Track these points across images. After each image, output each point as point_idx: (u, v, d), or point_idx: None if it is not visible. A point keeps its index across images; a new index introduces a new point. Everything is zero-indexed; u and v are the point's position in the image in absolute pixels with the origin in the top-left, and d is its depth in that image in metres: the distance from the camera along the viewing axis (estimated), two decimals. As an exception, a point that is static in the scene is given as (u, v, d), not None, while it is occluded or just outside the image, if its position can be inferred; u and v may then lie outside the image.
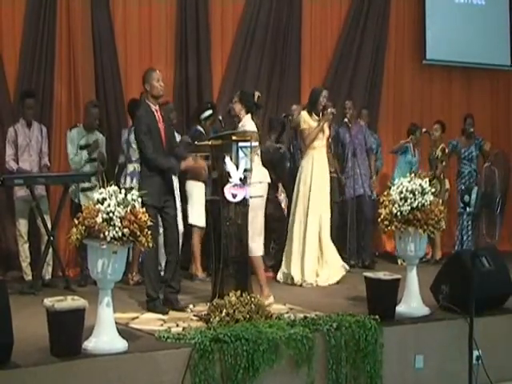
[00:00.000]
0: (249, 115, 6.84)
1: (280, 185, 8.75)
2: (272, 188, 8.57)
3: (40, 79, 8.38)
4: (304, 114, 8.10)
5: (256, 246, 6.70)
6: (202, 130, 8.20)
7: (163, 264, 7.08)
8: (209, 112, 8.29)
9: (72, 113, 8.46)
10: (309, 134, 7.99)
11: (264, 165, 7.04)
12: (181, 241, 7.79)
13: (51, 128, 8.33)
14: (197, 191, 8.06)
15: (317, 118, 8.05)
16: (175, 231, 6.47)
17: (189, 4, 9.23)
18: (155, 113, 6.37)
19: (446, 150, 9.72)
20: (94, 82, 8.66)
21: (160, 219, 6.38)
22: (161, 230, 6.76)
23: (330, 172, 8.47)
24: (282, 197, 8.71)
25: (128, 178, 7.93)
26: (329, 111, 8.01)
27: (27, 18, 8.35)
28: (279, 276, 8.05)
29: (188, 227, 8.16)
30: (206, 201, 7.77)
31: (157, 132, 6.32)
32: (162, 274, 7.03)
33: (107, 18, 8.76)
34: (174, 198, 6.54)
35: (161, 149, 6.34)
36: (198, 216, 8.03)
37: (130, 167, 7.97)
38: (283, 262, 8.07)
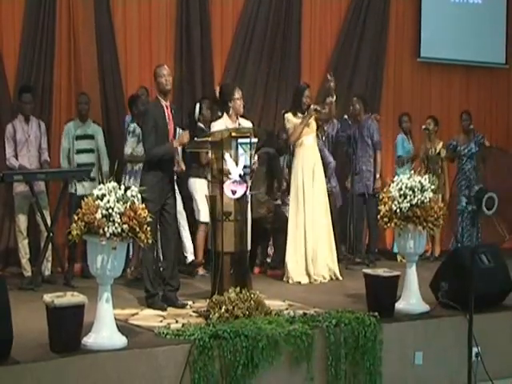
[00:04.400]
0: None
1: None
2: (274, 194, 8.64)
3: (40, 75, 8.37)
4: (288, 115, 8.06)
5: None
6: (201, 125, 8.19)
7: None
8: (197, 107, 8.28)
9: (71, 108, 8.45)
10: (293, 131, 7.95)
11: None
12: (187, 227, 7.90)
13: (51, 124, 8.34)
14: (200, 187, 8.05)
15: (301, 116, 8.01)
16: (174, 230, 6.47)
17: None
18: (165, 109, 6.36)
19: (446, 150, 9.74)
20: (93, 77, 8.66)
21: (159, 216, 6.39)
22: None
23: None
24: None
25: (127, 177, 7.92)
26: (311, 108, 7.97)
27: (27, 14, 8.35)
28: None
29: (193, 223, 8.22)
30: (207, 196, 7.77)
31: (164, 128, 6.31)
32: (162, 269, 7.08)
33: (107, 14, 8.75)
34: (175, 196, 6.52)
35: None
36: (204, 212, 8.02)
37: (129, 166, 7.97)
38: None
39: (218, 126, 6.84)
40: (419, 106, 10.88)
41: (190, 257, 8.10)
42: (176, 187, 6.85)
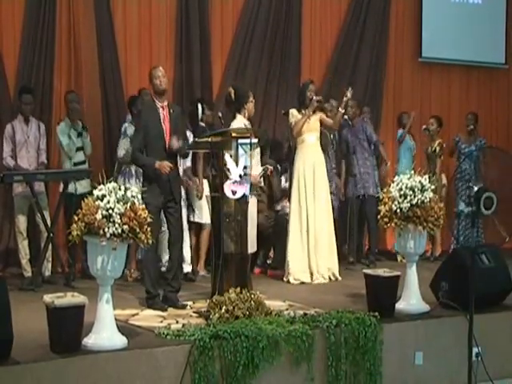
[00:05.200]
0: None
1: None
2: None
3: (40, 75, 8.38)
4: (293, 110, 8.06)
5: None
6: (203, 125, 8.18)
7: (164, 260, 7.11)
8: (199, 107, 8.25)
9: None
10: (295, 125, 7.95)
11: None
12: (188, 239, 7.86)
13: (50, 124, 8.32)
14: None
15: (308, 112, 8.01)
16: (178, 232, 6.46)
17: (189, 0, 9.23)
18: (160, 110, 6.35)
19: (444, 145, 9.74)
20: (94, 77, 8.66)
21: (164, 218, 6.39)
22: (164, 228, 6.80)
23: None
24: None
25: (119, 176, 7.90)
26: (314, 99, 7.95)
27: (27, 15, 8.35)
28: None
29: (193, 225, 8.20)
30: (206, 197, 7.77)
31: (157, 130, 6.29)
32: (164, 269, 7.07)
33: (107, 14, 8.75)
34: (179, 198, 6.49)
35: (160, 147, 6.30)
36: (207, 214, 8.01)
37: (122, 166, 7.96)
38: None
39: (237, 124, 6.90)
40: (419, 105, 10.88)
41: (187, 268, 7.95)
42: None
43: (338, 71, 10.22)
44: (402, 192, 6.11)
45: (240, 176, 6.07)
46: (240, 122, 7.02)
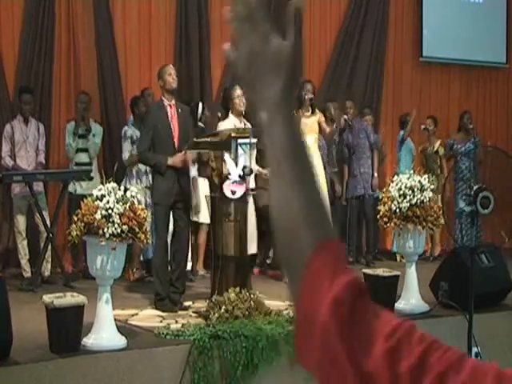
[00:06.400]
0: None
1: None
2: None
3: (39, 75, 8.37)
4: None
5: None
6: (202, 125, 8.17)
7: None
8: (200, 107, 8.21)
9: (71, 109, 8.46)
10: None
11: None
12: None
13: (50, 125, 8.33)
14: (202, 188, 8.04)
15: (306, 113, 7.98)
16: (185, 234, 6.44)
17: (189, 0, 9.23)
18: (168, 108, 6.33)
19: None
20: (93, 78, 8.67)
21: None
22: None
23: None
24: None
25: (124, 178, 7.89)
26: (306, 98, 7.90)
27: (26, 14, 8.34)
28: None
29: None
30: (206, 197, 7.76)
31: (166, 128, 6.27)
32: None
33: (106, 14, 8.75)
34: (188, 199, 6.48)
35: (169, 145, 6.28)
36: (205, 213, 8.00)
37: (127, 168, 7.96)
38: None
39: (226, 125, 6.87)
40: (419, 105, 10.88)
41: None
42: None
43: (338, 70, 10.22)
44: (401, 192, 6.12)
45: (239, 176, 6.07)
46: (230, 121, 6.94)
